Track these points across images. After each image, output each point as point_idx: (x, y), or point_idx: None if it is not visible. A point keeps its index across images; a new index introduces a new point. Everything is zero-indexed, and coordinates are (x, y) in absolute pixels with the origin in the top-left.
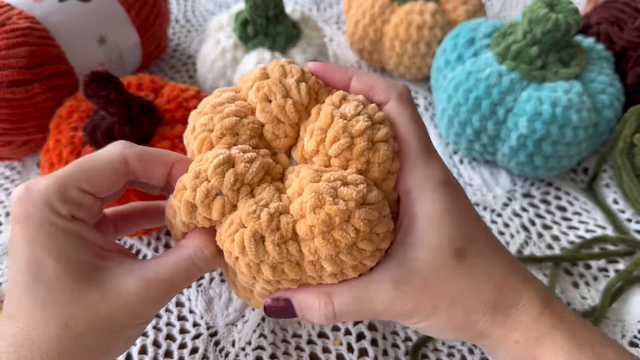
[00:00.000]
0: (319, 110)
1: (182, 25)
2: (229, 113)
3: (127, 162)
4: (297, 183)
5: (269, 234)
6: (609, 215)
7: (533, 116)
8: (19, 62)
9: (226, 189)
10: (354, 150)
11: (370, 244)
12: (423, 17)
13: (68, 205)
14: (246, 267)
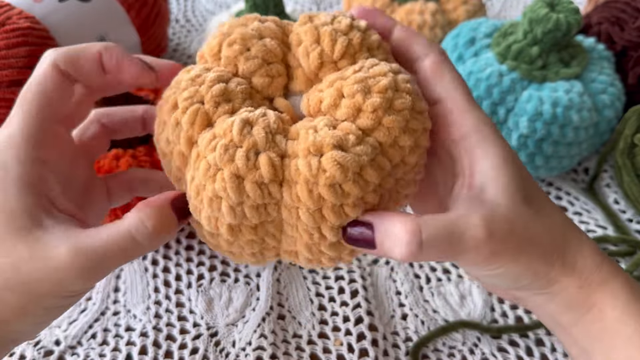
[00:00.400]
0: (298, 35)
1: (182, 25)
2: (212, 80)
3: (59, 67)
4: (331, 90)
5: (345, 142)
6: (609, 215)
7: (534, 116)
8: (18, 62)
9: (263, 144)
10: (353, 43)
11: (422, 103)
12: (423, 17)
13: (28, 144)
14: (355, 185)
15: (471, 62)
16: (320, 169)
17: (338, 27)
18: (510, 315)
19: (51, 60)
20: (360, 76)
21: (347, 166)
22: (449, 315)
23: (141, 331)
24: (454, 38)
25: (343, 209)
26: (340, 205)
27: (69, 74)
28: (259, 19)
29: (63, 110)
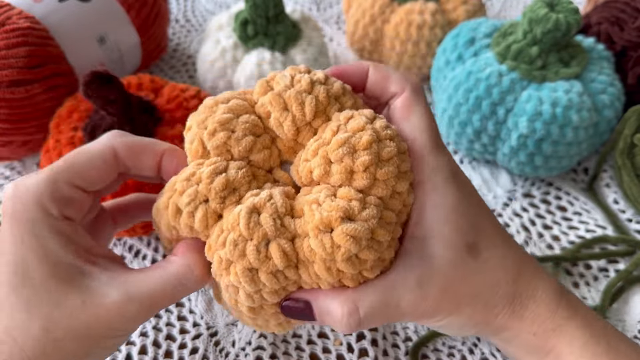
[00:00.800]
0: (263, 106)
1: (182, 25)
2: (210, 173)
3: (117, 153)
4: (318, 159)
5: (351, 210)
6: (609, 215)
7: (533, 116)
8: (18, 62)
9: (273, 233)
10: (319, 100)
11: (401, 141)
12: (423, 16)
13: (58, 203)
14: (370, 251)
15: (471, 62)
16: (335, 245)
17: (300, 88)
18: None
19: (112, 144)
20: (341, 138)
21: (360, 236)
22: None
23: (141, 331)
24: (453, 38)
25: (362, 274)
26: (359, 272)
27: (124, 163)
28: (220, 101)
29: (99, 186)
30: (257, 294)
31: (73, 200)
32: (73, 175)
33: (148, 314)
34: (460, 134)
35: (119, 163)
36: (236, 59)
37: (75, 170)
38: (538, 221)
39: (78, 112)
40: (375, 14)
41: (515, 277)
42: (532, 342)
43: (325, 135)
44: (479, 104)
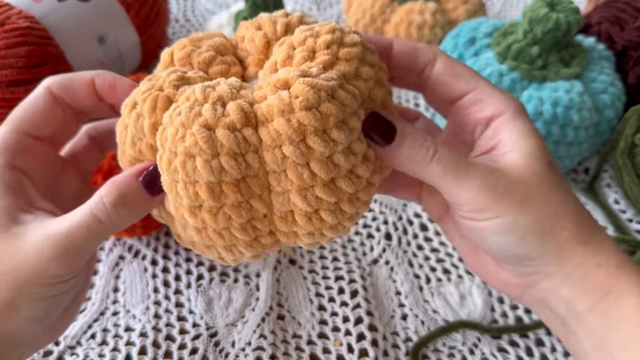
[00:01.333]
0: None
1: (182, 24)
2: (169, 72)
3: (52, 91)
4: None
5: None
6: (610, 215)
7: (534, 116)
8: (18, 61)
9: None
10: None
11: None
12: (423, 16)
13: (5, 153)
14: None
15: (471, 62)
16: (293, 96)
17: (275, 17)
18: (510, 316)
19: (45, 84)
20: (305, 27)
21: (319, 87)
22: (449, 316)
23: (140, 331)
24: (454, 38)
25: (327, 134)
26: (323, 131)
27: (62, 98)
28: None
29: (48, 129)
30: (215, 160)
31: (24, 149)
32: (18, 123)
33: (69, 254)
34: None
35: (57, 101)
36: None
37: (19, 118)
38: None
39: None
40: (376, 14)
41: (582, 210)
42: (595, 277)
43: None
44: None
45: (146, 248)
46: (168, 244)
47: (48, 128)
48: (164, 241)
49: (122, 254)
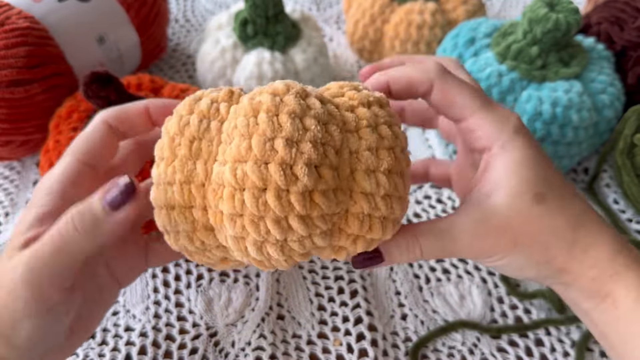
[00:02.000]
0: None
1: (182, 25)
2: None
3: (110, 125)
4: None
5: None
6: (609, 215)
7: (533, 116)
8: (18, 61)
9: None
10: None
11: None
12: (423, 16)
13: (63, 183)
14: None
15: (471, 62)
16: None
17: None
18: (510, 316)
19: (102, 118)
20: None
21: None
22: (449, 316)
23: (140, 331)
24: (453, 38)
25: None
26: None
27: (117, 129)
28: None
29: (105, 158)
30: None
31: (81, 178)
32: (78, 153)
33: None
34: None
35: (114, 132)
36: (236, 59)
37: (79, 149)
38: None
39: (78, 112)
40: (375, 14)
41: (577, 225)
42: (591, 287)
43: None
44: None
45: None
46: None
47: (105, 157)
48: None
49: None
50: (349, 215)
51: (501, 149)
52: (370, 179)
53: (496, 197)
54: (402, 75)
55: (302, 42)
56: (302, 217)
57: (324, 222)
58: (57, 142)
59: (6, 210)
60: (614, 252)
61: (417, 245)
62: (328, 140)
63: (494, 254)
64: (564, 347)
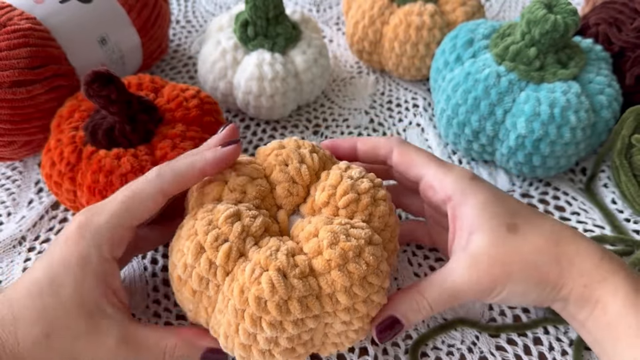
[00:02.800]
0: (328, 173)
1: (183, 26)
2: (244, 172)
3: (165, 191)
4: (312, 226)
5: (290, 269)
6: (607, 215)
7: (531, 117)
8: (20, 62)
9: (234, 237)
10: (359, 204)
11: (377, 278)
12: (422, 18)
13: (112, 247)
14: (276, 308)
15: (469, 63)
16: (257, 280)
17: (358, 185)
18: (508, 314)
19: (159, 187)
20: (337, 228)
21: (277, 290)
22: (448, 314)
23: None
24: (452, 39)
25: (260, 322)
26: (259, 318)
27: (171, 192)
28: (311, 148)
29: (148, 220)
30: (190, 268)
31: (125, 240)
32: (130, 220)
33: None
34: (458, 134)
35: (165, 195)
36: (236, 60)
37: (132, 216)
38: None
39: (79, 111)
40: (375, 15)
41: (557, 241)
42: (584, 294)
43: (333, 221)
44: (478, 104)
45: None
46: (168, 243)
47: (149, 219)
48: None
49: None
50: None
51: (463, 196)
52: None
53: (476, 239)
54: (369, 139)
55: (302, 44)
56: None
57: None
58: (58, 142)
59: (8, 210)
60: (598, 259)
61: (425, 302)
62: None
63: (495, 287)
64: (562, 346)
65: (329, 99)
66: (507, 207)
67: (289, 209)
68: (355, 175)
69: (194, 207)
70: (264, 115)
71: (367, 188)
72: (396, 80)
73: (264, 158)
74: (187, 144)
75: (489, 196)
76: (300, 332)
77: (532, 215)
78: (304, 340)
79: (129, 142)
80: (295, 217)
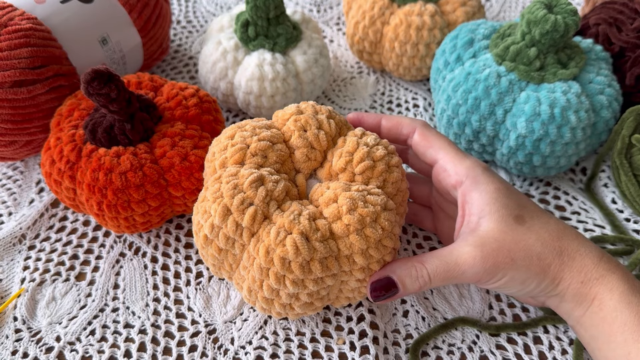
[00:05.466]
0: (345, 140)
1: (184, 26)
2: (264, 137)
3: None
4: (331, 192)
5: (312, 233)
6: (607, 214)
7: (531, 116)
8: (21, 62)
9: (258, 201)
10: (374, 170)
11: (391, 241)
12: (422, 18)
13: None
14: (299, 268)
15: (469, 63)
16: (282, 242)
17: (373, 152)
18: (508, 314)
19: None
20: (355, 195)
21: (301, 251)
22: (448, 314)
23: (140, 328)
24: (452, 39)
25: (284, 280)
26: (283, 276)
27: None
28: (328, 113)
29: None
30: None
31: None
32: None
33: None
34: (459, 134)
35: None
36: (237, 60)
37: None
38: None
39: (79, 110)
40: (375, 16)
41: (559, 237)
42: (581, 291)
43: (352, 187)
44: (478, 104)
45: (146, 245)
46: (168, 241)
47: None
48: (164, 239)
49: (123, 251)
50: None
51: (475, 183)
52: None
53: (485, 223)
54: (394, 117)
55: (302, 44)
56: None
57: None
58: (58, 140)
59: (9, 210)
60: (597, 258)
61: (425, 271)
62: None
63: (497, 272)
64: (562, 345)
65: (329, 99)
66: (516, 199)
67: (307, 172)
68: (370, 142)
69: (216, 169)
70: (264, 115)
71: (382, 155)
72: (396, 80)
73: (283, 122)
74: (187, 142)
75: (500, 187)
76: (319, 288)
77: (538, 210)
78: (321, 295)
79: (128, 141)
80: (312, 180)
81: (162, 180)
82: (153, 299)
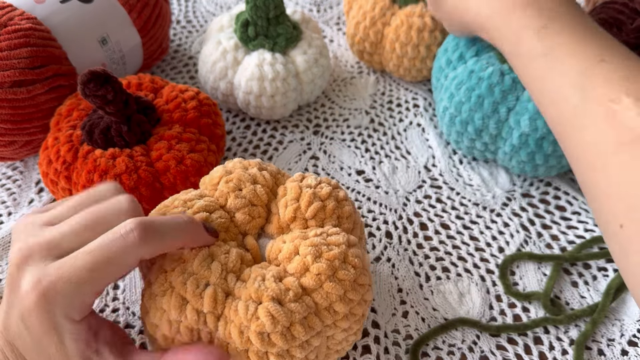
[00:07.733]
0: (285, 188)
1: (183, 26)
2: (199, 207)
3: (144, 257)
4: (290, 245)
5: (283, 295)
6: None
7: (535, 114)
8: (21, 62)
9: (215, 279)
10: (326, 210)
11: (365, 277)
12: (424, 19)
13: (83, 310)
14: (281, 338)
15: (472, 62)
16: (255, 315)
17: (318, 192)
18: (508, 314)
19: (140, 254)
20: (316, 241)
21: (278, 319)
22: (449, 314)
23: (140, 329)
24: (455, 38)
25: (267, 356)
26: (265, 353)
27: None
28: (259, 166)
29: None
30: (176, 324)
31: (96, 297)
32: (101, 285)
33: None
34: (461, 132)
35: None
36: (237, 60)
37: (103, 282)
38: (537, 221)
39: (78, 110)
40: (376, 16)
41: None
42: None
43: (309, 233)
44: (481, 102)
45: None
46: None
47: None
48: None
49: None
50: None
51: None
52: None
53: None
54: None
55: (302, 44)
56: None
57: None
58: (55, 140)
59: (9, 210)
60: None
61: None
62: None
63: None
64: (563, 345)
65: (329, 99)
66: None
67: (255, 233)
68: (312, 182)
69: (154, 261)
70: (264, 115)
71: (328, 192)
72: (397, 80)
73: (213, 187)
74: (183, 146)
75: None
76: (307, 353)
77: None
78: (310, 359)
79: (125, 143)
80: (264, 239)
81: (157, 184)
82: None
